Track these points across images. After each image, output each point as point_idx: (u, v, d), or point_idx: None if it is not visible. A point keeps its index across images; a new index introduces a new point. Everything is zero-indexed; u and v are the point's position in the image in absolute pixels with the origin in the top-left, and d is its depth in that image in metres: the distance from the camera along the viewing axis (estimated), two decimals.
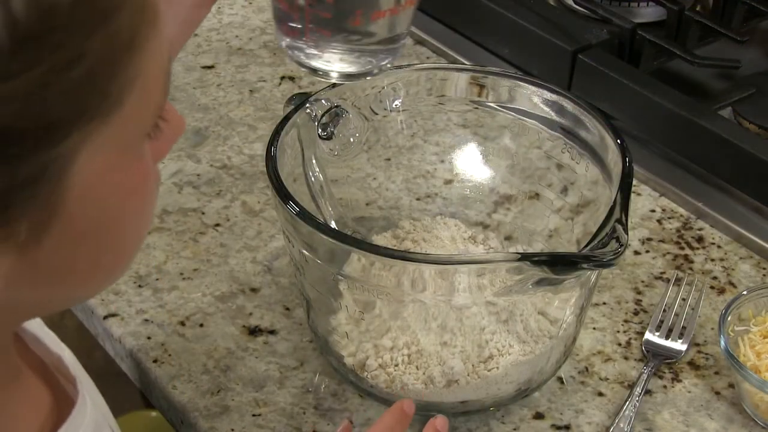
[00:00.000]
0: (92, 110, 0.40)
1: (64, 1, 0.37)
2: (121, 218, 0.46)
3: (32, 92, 0.37)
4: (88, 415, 0.52)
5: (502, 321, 0.75)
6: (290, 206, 0.71)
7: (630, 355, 0.83)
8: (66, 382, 0.56)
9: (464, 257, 0.78)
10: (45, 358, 0.57)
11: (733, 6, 1.11)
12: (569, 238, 0.84)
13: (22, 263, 0.41)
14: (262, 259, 0.91)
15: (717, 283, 0.90)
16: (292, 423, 0.78)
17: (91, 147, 0.41)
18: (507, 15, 1.10)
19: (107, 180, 0.43)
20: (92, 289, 0.51)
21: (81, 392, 0.53)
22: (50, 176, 0.40)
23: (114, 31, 0.40)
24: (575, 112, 0.81)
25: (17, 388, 0.51)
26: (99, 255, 0.46)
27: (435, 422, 0.68)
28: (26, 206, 0.40)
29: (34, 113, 0.38)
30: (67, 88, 0.38)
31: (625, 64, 1.05)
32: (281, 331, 0.85)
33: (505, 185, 0.88)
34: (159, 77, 0.44)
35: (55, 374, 0.57)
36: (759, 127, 1.00)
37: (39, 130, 0.38)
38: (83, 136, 0.40)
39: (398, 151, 0.89)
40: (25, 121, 0.38)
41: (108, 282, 0.50)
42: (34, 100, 0.37)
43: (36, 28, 0.37)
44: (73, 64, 0.38)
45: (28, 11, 0.36)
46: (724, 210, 0.96)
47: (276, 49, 1.19)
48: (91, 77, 0.39)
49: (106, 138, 0.41)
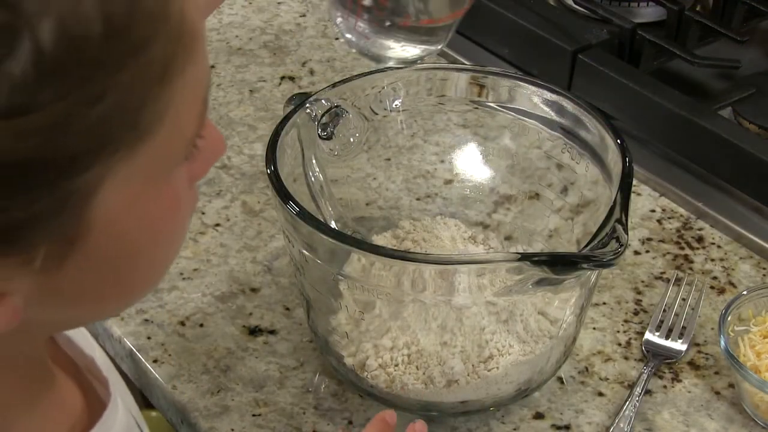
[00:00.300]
0: (117, 142, 0.39)
1: (95, 33, 0.36)
2: (149, 245, 0.44)
3: (56, 125, 0.36)
4: (119, 418, 0.52)
5: (502, 321, 0.75)
6: (290, 206, 0.71)
7: (630, 355, 0.83)
8: (98, 384, 0.56)
9: (464, 257, 0.78)
10: (77, 359, 0.57)
11: (733, 6, 1.11)
12: (569, 238, 0.83)
13: (43, 286, 0.41)
14: (262, 259, 0.91)
15: (717, 283, 0.90)
16: (292, 423, 0.78)
17: (116, 178, 0.39)
18: (507, 15, 1.10)
19: (133, 210, 0.42)
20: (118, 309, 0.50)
21: (113, 394, 0.53)
22: (71, 207, 0.39)
23: (145, 64, 0.38)
24: (575, 112, 0.81)
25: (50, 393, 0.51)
26: (124, 279, 0.45)
27: (414, 427, 0.68)
28: (46, 234, 0.39)
29: (57, 145, 0.37)
30: (92, 121, 0.37)
31: (625, 64, 1.05)
32: (281, 331, 0.85)
33: (505, 185, 0.88)
34: (194, 107, 0.42)
35: (87, 376, 0.56)
36: (759, 127, 1.00)
37: (61, 161, 0.37)
38: (107, 168, 0.39)
39: (398, 151, 0.89)
40: (47, 152, 0.36)
41: (135, 300, 0.49)
42: (58, 132, 0.36)
43: (63, 61, 0.36)
44: (100, 98, 0.37)
45: (56, 43, 0.35)
46: (724, 210, 0.96)
47: (276, 48, 1.19)
48: (118, 110, 0.38)
49: (132, 169, 0.40)
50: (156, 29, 0.38)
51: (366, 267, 0.74)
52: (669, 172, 1.00)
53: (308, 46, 1.19)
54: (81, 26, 0.36)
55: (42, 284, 0.40)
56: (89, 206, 0.39)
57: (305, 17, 1.24)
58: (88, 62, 0.36)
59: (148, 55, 0.38)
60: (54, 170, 0.37)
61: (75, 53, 0.36)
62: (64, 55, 0.36)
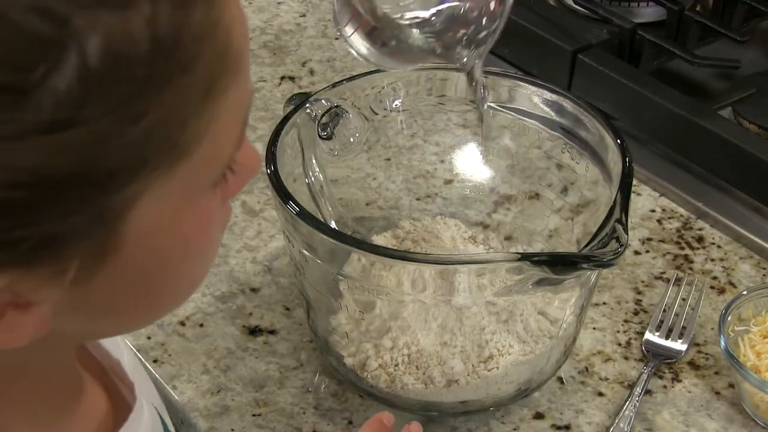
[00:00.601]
0: (157, 160, 0.38)
1: (142, 51, 0.36)
2: (180, 260, 0.44)
3: (97, 141, 0.36)
4: (145, 422, 0.52)
5: (502, 321, 0.75)
6: (290, 206, 0.71)
7: (630, 355, 0.83)
8: (124, 387, 0.56)
9: (464, 257, 0.78)
10: (103, 362, 0.57)
11: (733, 6, 1.11)
12: (569, 238, 0.84)
13: (73, 297, 0.41)
14: (262, 259, 0.91)
15: (717, 283, 0.90)
16: (292, 423, 0.78)
17: (153, 195, 0.39)
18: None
19: (167, 226, 0.41)
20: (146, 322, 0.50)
21: (138, 398, 0.53)
22: (107, 222, 0.39)
23: (189, 83, 0.38)
24: (575, 112, 0.81)
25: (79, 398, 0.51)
26: (155, 293, 0.45)
27: (410, 428, 0.68)
28: (80, 248, 0.39)
29: (97, 162, 0.36)
30: (133, 138, 0.37)
31: (625, 64, 1.05)
32: (281, 331, 0.85)
33: (505, 185, 0.88)
34: (234, 127, 0.42)
35: (113, 378, 0.56)
36: (759, 127, 1.00)
37: (100, 177, 0.37)
38: (145, 185, 0.39)
39: (398, 151, 0.89)
40: (87, 168, 0.36)
41: (163, 314, 0.49)
42: (99, 148, 0.36)
43: (108, 77, 0.36)
44: (143, 116, 0.37)
45: (102, 59, 0.35)
46: (724, 210, 0.96)
47: (276, 48, 1.19)
48: (159, 128, 0.38)
49: (169, 187, 0.40)
50: (202, 49, 0.38)
51: (366, 267, 0.74)
52: (669, 172, 1.00)
53: (308, 46, 1.19)
54: (128, 44, 0.36)
55: (72, 295, 0.40)
56: (124, 222, 0.39)
57: (305, 17, 1.24)
58: (132, 80, 0.36)
59: (192, 74, 0.38)
60: (92, 186, 0.37)
61: (120, 70, 0.36)
62: (110, 72, 0.36)
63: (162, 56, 0.37)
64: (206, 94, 0.39)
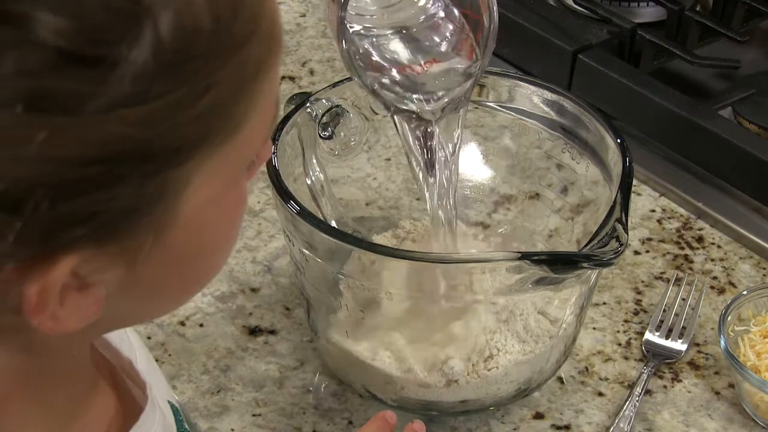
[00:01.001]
0: (214, 136, 0.40)
1: (205, 28, 0.38)
2: (215, 243, 0.46)
3: (169, 115, 0.38)
4: (156, 423, 0.52)
5: (502, 321, 0.75)
6: (290, 206, 0.71)
7: (630, 355, 0.83)
8: (135, 387, 0.56)
9: (464, 257, 0.78)
10: (114, 361, 0.57)
11: (733, 6, 1.11)
12: (569, 238, 0.84)
13: (125, 279, 0.42)
14: (262, 259, 0.91)
15: (717, 283, 0.90)
16: (292, 423, 0.78)
17: (204, 173, 0.41)
18: (507, 15, 1.10)
19: (211, 206, 0.43)
20: (173, 307, 0.52)
21: (150, 398, 0.53)
22: (167, 198, 0.40)
23: (244, 60, 0.40)
24: (575, 112, 0.81)
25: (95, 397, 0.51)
26: (189, 274, 0.47)
27: (413, 426, 0.68)
28: (142, 226, 0.40)
29: (168, 135, 0.38)
30: (198, 113, 0.39)
31: (625, 64, 1.05)
32: (281, 331, 0.85)
33: (505, 185, 0.88)
34: (270, 112, 0.44)
35: (123, 378, 0.56)
36: (759, 127, 1.00)
37: (167, 151, 0.39)
38: (200, 161, 0.40)
39: (398, 151, 0.89)
40: (157, 142, 0.38)
41: (189, 299, 0.50)
42: (170, 122, 0.38)
43: (178, 53, 0.37)
44: (207, 91, 0.39)
45: (173, 35, 0.37)
46: (724, 210, 0.96)
47: None
48: (218, 104, 0.40)
49: (219, 164, 0.41)
50: (254, 29, 0.40)
51: (366, 266, 0.74)
52: (669, 172, 1.00)
53: (308, 46, 1.19)
54: (194, 21, 0.38)
55: (125, 276, 0.42)
56: (180, 199, 0.41)
57: (305, 17, 1.24)
58: (198, 55, 0.38)
59: (247, 51, 0.40)
60: (161, 160, 0.39)
61: (188, 45, 0.38)
62: (180, 47, 0.37)
63: (222, 33, 0.39)
64: (256, 72, 0.41)
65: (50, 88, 0.36)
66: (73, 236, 0.38)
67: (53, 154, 0.36)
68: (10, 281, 0.38)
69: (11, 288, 0.39)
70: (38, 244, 0.38)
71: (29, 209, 0.37)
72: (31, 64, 0.35)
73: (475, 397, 0.76)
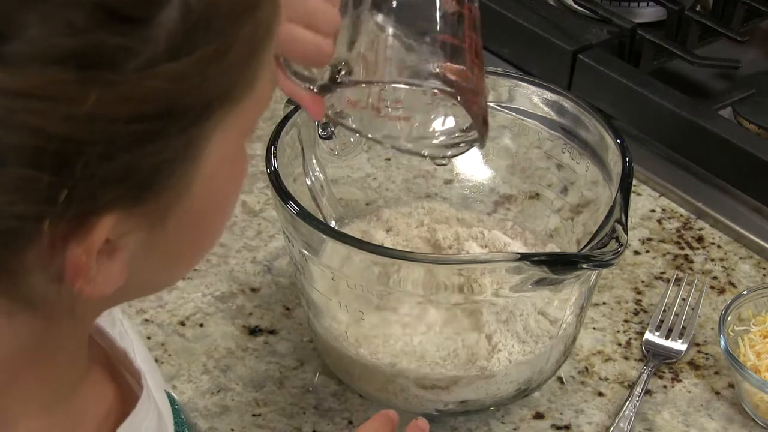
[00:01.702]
0: (234, 92, 0.43)
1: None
2: (225, 204, 0.48)
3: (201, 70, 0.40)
4: (152, 411, 0.53)
5: (501, 321, 0.75)
6: (290, 206, 0.71)
7: (630, 355, 0.83)
8: (129, 376, 0.56)
9: (464, 257, 0.78)
10: (109, 350, 0.57)
11: (733, 6, 1.11)
12: (569, 238, 0.84)
13: (146, 242, 0.43)
14: (262, 259, 0.91)
15: (717, 283, 0.90)
16: (292, 423, 0.78)
17: (221, 130, 0.43)
18: (507, 15, 1.10)
19: (224, 166, 0.45)
20: (184, 272, 0.53)
21: (145, 387, 0.54)
22: (189, 155, 0.42)
23: (258, 20, 0.43)
24: (575, 112, 0.81)
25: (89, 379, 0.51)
26: (200, 239, 0.48)
27: (417, 423, 0.68)
28: (167, 186, 0.42)
29: (199, 90, 0.41)
30: (224, 69, 0.41)
31: (625, 64, 1.05)
32: (281, 331, 0.85)
33: (505, 185, 0.88)
34: (274, 68, 0.47)
35: (119, 367, 0.57)
36: (759, 127, 1.00)
37: (198, 107, 0.41)
38: (220, 118, 0.42)
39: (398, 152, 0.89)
40: (189, 97, 0.40)
41: (197, 263, 0.52)
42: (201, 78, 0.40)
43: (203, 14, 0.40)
44: (230, 48, 0.41)
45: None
46: (724, 210, 0.96)
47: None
48: (239, 62, 0.42)
49: (233, 124, 0.44)
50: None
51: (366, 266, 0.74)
52: (669, 172, 1.00)
53: None
54: None
55: (144, 240, 0.43)
56: (201, 157, 0.42)
57: None
58: (221, 16, 0.41)
59: (260, 14, 0.43)
60: (191, 114, 0.41)
61: (211, 7, 0.40)
62: (205, 9, 0.40)
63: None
64: (267, 33, 0.44)
65: (98, 45, 0.37)
66: (112, 196, 0.40)
67: (102, 112, 0.38)
68: (54, 246, 0.40)
69: (55, 254, 0.40)
70: (83, 204, 0.39)
71: (78, 169, 0.38)
72: (80, 21, 0.37)
73: (475, 397, 0.76)
